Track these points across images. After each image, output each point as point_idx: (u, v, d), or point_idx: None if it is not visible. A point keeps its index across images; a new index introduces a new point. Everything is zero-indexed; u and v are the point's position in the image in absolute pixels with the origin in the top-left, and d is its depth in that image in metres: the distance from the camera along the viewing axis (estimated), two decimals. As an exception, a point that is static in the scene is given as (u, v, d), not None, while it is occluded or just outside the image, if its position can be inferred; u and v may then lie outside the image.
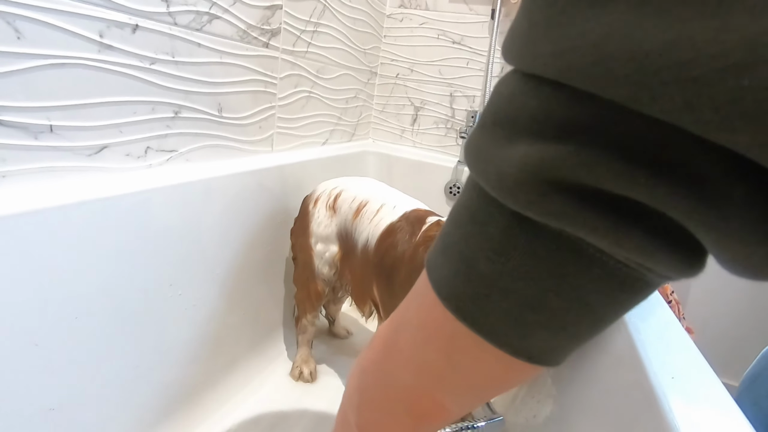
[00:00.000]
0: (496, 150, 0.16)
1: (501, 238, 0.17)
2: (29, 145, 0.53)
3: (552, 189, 0.15)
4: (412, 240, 0.69)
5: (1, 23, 0.47)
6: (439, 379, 0.21)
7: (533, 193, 0.15)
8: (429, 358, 0.21)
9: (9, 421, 0.50)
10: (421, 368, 0.22)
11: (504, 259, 0.17)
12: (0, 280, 0.47)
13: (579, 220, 0.15)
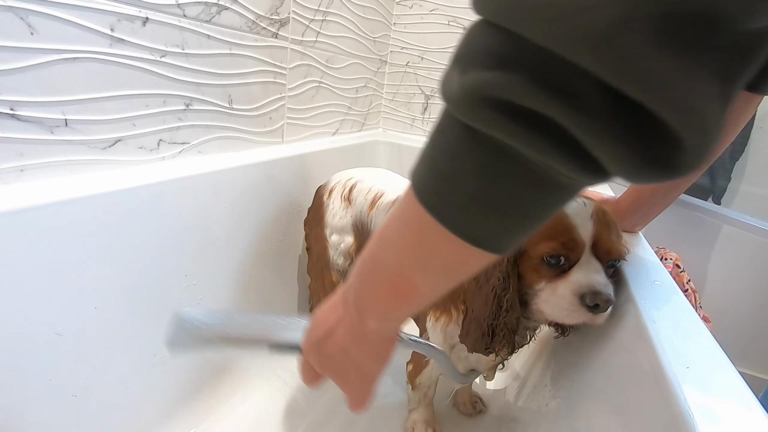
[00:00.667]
0: (454, 77, 0.21)
1: (456, 143, 0.23)
2: (45, 139, 0.54)
3: (487, 104, 0.20)
4: None
5: (15, 19, 0.48)
6: (412, 258, 0.27)
7: (474, 107, 0.20)
8: (405, 241, 0.27)
9: (35, 406, 0.52)
10: (400, 251, 0.28)
11: (457, 160, 0.23)
12: (22, 271, 0.49)
13: (504, 128, 0.20)
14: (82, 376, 0.57)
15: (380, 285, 0.30)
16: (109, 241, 0.58)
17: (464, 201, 0.23)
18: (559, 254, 0.49)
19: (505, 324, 0.52)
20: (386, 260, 0.29)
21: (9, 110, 0.50)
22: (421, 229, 0.25)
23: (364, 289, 0.32)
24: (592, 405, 0.49)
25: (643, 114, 0.17)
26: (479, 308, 0.54)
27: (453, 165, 0.23)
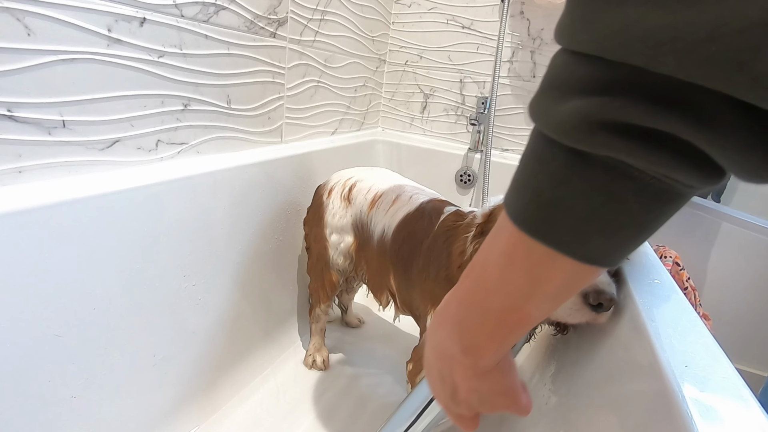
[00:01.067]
0: (554, 106, 0.23)
1: (563, 170, 0.24)
2: (43, 141, 0.54)
3: (598, 127, 0.21)
4: (430, 230, 0.69)
5: (12, 20, 0.48)
6: (523, 294, 0.27)
7: (584, 132, 0.21)
8: (514, 277, 0.27)
9: (34, 407, 0.52)
10: (509, 289, 0.28)
11: (564, 185, 0.24)
12: (20, 273, 0.49)
13: (620, 148, 0.21)
14: (81, 377, 0.57)
15: (490, 326, 0.30)
16: (108, 242, 0.58)
17: (579, 225, 0.24)
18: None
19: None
20: (493, 302, 0.29)
21: (6, 111, 0.50)
22: (531, 262, 0.26)
23: (469, 335, 0.31)
24: (591, 403, 0.49)
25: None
26: None
27: (562, 192, 0.24)
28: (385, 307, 0.86)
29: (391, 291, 0.80)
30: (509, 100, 1.34)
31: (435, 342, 0.35)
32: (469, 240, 0.60)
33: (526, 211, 0.25)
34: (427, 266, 0.67)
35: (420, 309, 0.71)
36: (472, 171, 1.38)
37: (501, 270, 0.28)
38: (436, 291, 0.65)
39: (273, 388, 0.89)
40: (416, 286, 0.70)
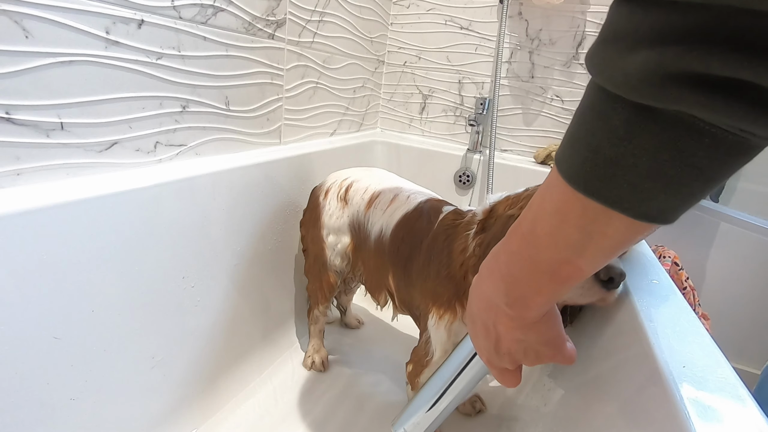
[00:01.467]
0: (620, 57, 0.21)
1: (625, 126, 0.22)
2: (42, 143, 0.54)
3: (670, 80, 0.20)
4: (429, 229, 0.69)
5: (10, 23, 0.48)
6: (576, 248, 0.27)
7: (655, 86, 0.20)
8: (567, 233, 0.27)
9: (33, 410, 0.52)
10: (560, 243, 0.28)
11: (626, 142, 0.23)
12: (19, 275, 0.49)
13: (694, 101, 0.20)
14: (80, 379, 0.57)
15: (539, 280, 0.30)
16: (106, 244, 0.58)
17: (639, 182, 0.23)
18: None
19: None
20: (544, 255, 0.29)
21: (4, 114, 0.50)
22: (586, 219, 0.25)
23: (517, 288, 0.32)
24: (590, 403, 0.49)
25: None
26: None
27: (624, 149, 0.23)
28: (383, 306, 0.86)
29: (389, 290, 0.80)
30: (508, 100, 1.34)
31: (480, 294, 0.36)
32: (470, 237, 0.60)
33: (582, 170, 0.24)
34: (427, 265, 0.67)
35: (420, 308, 0.71)
36: (471, 171, 1.38)
37: (553, 226, 0.28)
38: (437, 289, 0.65)
39: (272, 389, 0.89)
40: (416, 285, 0.70)
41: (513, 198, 0.58)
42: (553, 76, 1.28)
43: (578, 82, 1.25)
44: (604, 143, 0.23)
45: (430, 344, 0.69)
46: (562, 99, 1.28)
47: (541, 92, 1.30)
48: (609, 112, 0.23)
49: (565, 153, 0.26)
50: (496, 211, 0.58)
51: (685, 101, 0.20)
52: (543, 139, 1.33)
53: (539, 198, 0.29)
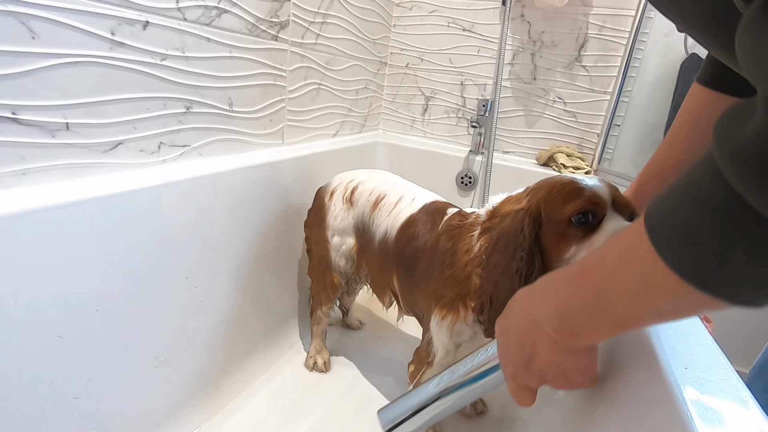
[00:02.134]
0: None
1: (763, 240, 0.21)
2: (47, 143, 0.54)
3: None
4: (433, 231, 0.69)
5: (17, 24, 0.48)
6: (660, 314, 0.28)
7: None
8: (654, 303, 0.27)
9: (37, 408, 0.53)
10: (643, 307, 0.28)
11: (732, 237, 0.22)
12: (23, 274, 0.49)
13: None
14: (83, 378, 0.57)
15: (603, 323, 0.31)
16: (110, 244, 0.58)
17: (736, 274, 0.23)
18: (587, 210, 0.49)
19: None
20: (618, 310, 0.30)
21: (11, 114, 0.50)
22: (682, 299, 0.25)
23: (572, 320, 0.33)
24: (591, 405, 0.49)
25: None
26: (505, 297, 0.50)
27: (759, 255, 0.22)
28: (389, 307, 0.86)
29: (393, 291, 0.80)
30: (510, 102, 1.35)
31: (524, 312, 0.37)
32: (475, 238, 0.61)
33: (700, 268, 0.24)
34: (430, 266, 0.67)
35: (423, 309, 0.71)
36: (473, 173, 1.38)
37: (638, 293, 0.28)
38: (440, 290, 0.65)
39: (274, 389, 0.89)
40: (420, 286, 0.70)
41: (515, 197, 0.58)
42: (555, 78, 1.28)
43: (580, 84, 1.25)
44: (740, 254, 0.22)
45: (432, 345, 0.69)
46: (564, 101, 1.28)
47: (543, 94, 1.30)
48: (745, 222, 0.22)
49: (674, 242, 0.25)
50: (499, 212, 0.59)
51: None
52: (545, 141, 1.34)
53: (617, 256, 0.29)
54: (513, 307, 0.40)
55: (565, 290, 0.34)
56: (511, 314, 0.40)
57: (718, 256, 0.23)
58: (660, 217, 0.26)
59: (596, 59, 1.22)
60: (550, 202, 0.51)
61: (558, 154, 1.27)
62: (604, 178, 1.23)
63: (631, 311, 0.29)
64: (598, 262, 0.31)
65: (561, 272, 0.35)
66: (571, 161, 1.25)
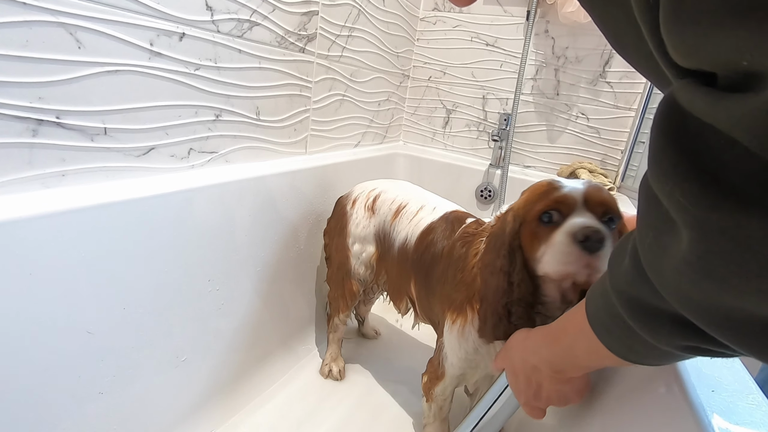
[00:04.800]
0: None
1: (666, 352, 0.32)
2: (86, 146, 0.57)
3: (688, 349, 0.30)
4: (451, 237, 0.70)
5: (65, 34, 0.51)
6: (600, 359, 0.38)
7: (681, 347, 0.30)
8: (603, 363, 0.40)
9: (63, 401, 0.54)
10: (598, 363, 0.42)
11: (655, 352, 0.32)
12: (59, 270, 0.51)
13: (707, 349, 0.29)
14: (109, 374, 0.59)
15: (579, 368, 0.44)
16: (140, 245, 0.60)
17: (643, 357, 0.34)
18: (551, 209, 0.51)
19: (520, 299, 0.53)
20: (583, 362, 0.42)
21: (55, 118, 0.53)
22: (615, 359, 0.36)
23: (560, 366, 0.45)
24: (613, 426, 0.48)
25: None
26: (492, 292, 0.55)
27: (649, 352, 0.32)
28: (404, 314, 0.86)
29: (410, 298, 0.80)
30: (532, 116, 1.34)
31: (525, 361, 0.49)
32: (483, 243, 0.62)
33: (623, 352, 0.35)
34: (446, 271, 0.68)
35: (438, 314, 0.71)
36: (493, 186, 1.38)
37: (591, 357, 0.40)
38: (452, 294, 0.65)
39: (289, 395, 0.90)
40: (435, 291, 0.71)
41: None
42: (578, 93, 1.27)
43: (604, 100, 1.25)
44: (639, 348, 0.33)
45: (445, 354, 0.69)
46: (587, 116, 1.28)
47: (566, 109, 1.30)
48: (635, 333, 0.32)
49: (601, 330, 0.36)
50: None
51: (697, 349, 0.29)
52: (567, 156, 1.33)
53: (574, 330, 0.41)
54: (513, 353, 0.51)
55: (546, 350, 0.46)
56: (513, 358, 0.51)
57: (626, 346, 0.34)
58: (591, 306, 0.37)
59: (621, 75, 1.21)
60: (527, 201, 0.54)
61: (580, 170, 1.26)
62: (627, 195, 1.21)
63: (593, 364, 0.42)
64: (562, 333, 0.43)
65: (543, 335, 0.47)
66: (593, 177, 1.24)
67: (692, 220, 0.21)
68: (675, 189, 0.21)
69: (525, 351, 0.49)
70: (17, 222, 0.47)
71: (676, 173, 0.21)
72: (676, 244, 0.23)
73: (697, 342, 0.27)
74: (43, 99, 0.51)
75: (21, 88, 0.49)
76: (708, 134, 0.19)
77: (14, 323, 0.48)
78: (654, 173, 0.23)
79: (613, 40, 0.34)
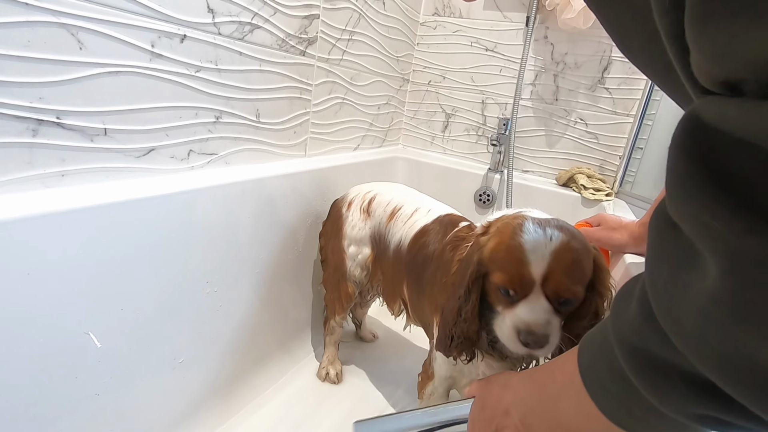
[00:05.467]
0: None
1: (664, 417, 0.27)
2: (86, 147, 0.57)
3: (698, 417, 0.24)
4: (443, 241, 0.70)
5: (67, 35, 0.52)
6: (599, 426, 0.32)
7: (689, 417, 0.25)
8: (591, 427, 0.32)
9: (59, 402, 0.54)
10: (581, 423, 0.33)
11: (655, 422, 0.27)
12: (58, 270, 0.51)
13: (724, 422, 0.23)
14: (106, 375, 0.59)
15: (557, 417, 0.36)
16: (139, 246, 0.60)
17: (639, 423, 0.28)
18: (507, 287, 0.51)
19: (462, 332, 0.54)
20: (562, 418, 0.35)
21: (55, 119, 0.53)
22: (605, 425, 0.30)
23: (537, 415, 0.38)
24: None
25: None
26: (448, 312, 0.57)
27: (652, 420, 0.27)
28: (397, 315, 0.86)
29: (403, 299, 0.81)
30: (531, 122, 1.35)
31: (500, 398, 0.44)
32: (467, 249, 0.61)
33: (617, 417, 0.29)
34: (435, 274, 0.68)
35: (428, 317, 0.71)
36: (491, 191, 1.38)
37: (577, 414, 0.33)
38: (439, 298, 0.65)
39: (286, 398, 0.90)
40: (426, 293, 0.71)
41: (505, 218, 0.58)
42: (577, 99, 1.28)
43: (603, 106, 1.25)
44: (637, 411, 0.28)
45: (435, 355, 0.69)
46: (586, 122, 1.28)
47: (565, 115, 1.30)
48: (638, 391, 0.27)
49: (595, 387, 0.31)
50: (490, 228, 0.59)
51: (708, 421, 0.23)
52: (566, 162, 1.33)
53: (562, 379, 0.34)
54: (493, 386, 0.46)
55: (527, 392, 0.40)
56: (491, 390, 0.46)
57: (624, 409, 0.28)
58: (586, 357, 0.32)
59: (620, 82, 1.21)
60: (492, 257, 0.52)
61: (578, 175, 1.26)
62: (625, 200, 1.21)
63: (576, 426, 0.34)
64: (549, 379, 0.38)
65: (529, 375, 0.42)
66: (591, 183, 1.25)
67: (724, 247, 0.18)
68: (702, 211, 0.18)
69: (506, 387, 0.44)
70: (16, 222, 0.47)
71: (703, 193, 0.18)
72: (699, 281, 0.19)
73: (716, 411, 0.22)
74: (43, 99, 0.51)
75: (22, 88, 0.49)
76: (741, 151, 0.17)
77: (12, 323, 0.48)
78: (675, 197, 0.20)
79: (619, 42, 0.32)
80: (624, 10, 0.28)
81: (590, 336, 0.33)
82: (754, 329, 0.17)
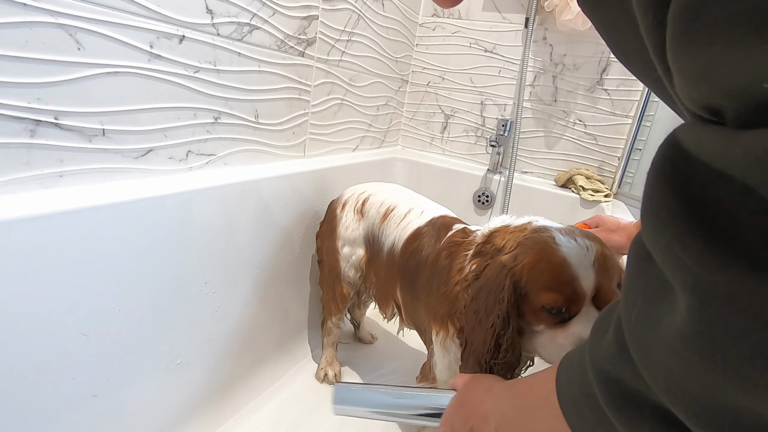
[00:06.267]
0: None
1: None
2: (84, 147, 0.57)
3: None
4: (437, 245, 0.69)
5: (65, 35, 0.52)
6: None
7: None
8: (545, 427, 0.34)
9: (56, 403, 0.54)
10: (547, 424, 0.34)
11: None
12: (55, 270, 0.51)
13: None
14: (103, 376, 0.59)
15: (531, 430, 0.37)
16: (137, 247, 0.60)
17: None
18: (560, 306, 0.49)
19: (505, 363, 0.51)
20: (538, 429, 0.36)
21: (53, 119, 0.53)
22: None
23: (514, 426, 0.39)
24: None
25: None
26: (478, 344, 0.53)
27: (598, 422, 0.27)
28: (390, 319, 0.86)
29: (396, 303, 0.81)
30: (530, 123, 1.35)
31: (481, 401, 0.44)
32: (468, 259, 0.61)
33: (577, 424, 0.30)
34: (430, 281, 0.67)
35: (424, 323, 0.71)
36: (490, 192, 1.38)
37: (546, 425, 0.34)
38: (436, 306, 0.64)
39: (284, 400, 0.89)
40: (421, 299, 0.71)
41: (510, 229, 0.57)
42: (576, 100, 1.28)
43: (601, 107, 1.25)
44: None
45: (434, 361, 0.69)
46: (584, 123, 1.28)
47: (564, 116, 1.31)
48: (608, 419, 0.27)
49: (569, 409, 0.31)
50: (493, 239, 0.58)
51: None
52: (564, 163, 1.33)
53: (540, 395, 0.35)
54: (477, 388, 0.46)
55: (506, 402, 0.41)
56: (473, 392, 0.46)
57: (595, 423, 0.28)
58: (564, 378, 0.32)
59: (618, 83, 1.22)
60: (532, 276, 0.50)
61: (577, 176, 1.27)
62: (624, 201, 1.21)
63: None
64: (528, 391, 0.38)
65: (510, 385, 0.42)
66: (590, 184, 1.25)
67: (693, 281, 0.17)
68: (674, 242, 0.17)
69: (488, 392, 0.44)
70: (14, 222, 0.47)
71: (675, 224, 0.17)
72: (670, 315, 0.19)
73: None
74: (41, 100, 0.51)
75: (20, 89, 0.49)
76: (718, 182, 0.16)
77: (9, 324, 0.48)
78: (648, 225, 0.19)
79: (615, 47, 0.32)
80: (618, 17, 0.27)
81: (570, 356, 0.32)
82: (719, 373, 0.16)
